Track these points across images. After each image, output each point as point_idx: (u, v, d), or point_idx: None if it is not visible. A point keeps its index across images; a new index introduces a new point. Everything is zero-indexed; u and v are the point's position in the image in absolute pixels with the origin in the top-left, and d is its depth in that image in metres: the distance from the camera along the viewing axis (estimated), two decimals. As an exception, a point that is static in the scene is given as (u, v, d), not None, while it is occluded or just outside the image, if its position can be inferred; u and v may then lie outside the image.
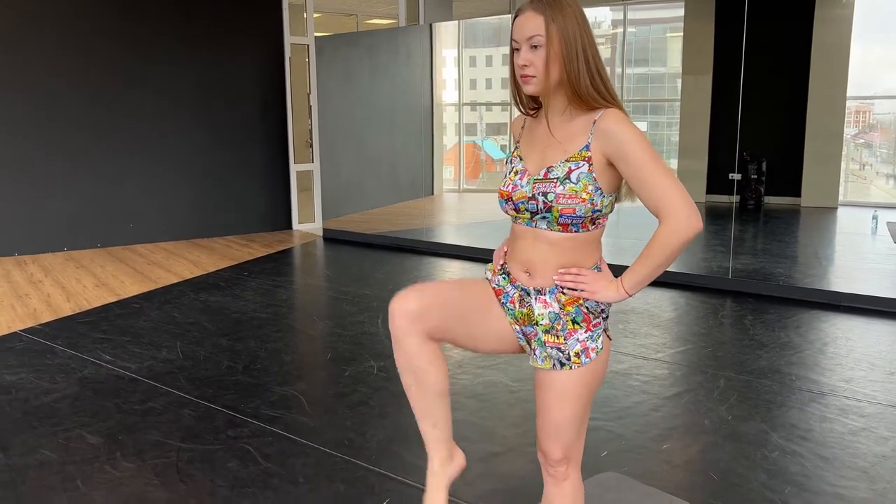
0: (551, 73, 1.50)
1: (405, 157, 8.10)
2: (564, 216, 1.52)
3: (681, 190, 1.46)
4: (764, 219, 8.78)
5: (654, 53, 12.59)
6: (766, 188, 8.95)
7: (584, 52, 1.49)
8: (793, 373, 3.67)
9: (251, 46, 7.83)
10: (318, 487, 2.59)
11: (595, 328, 1.61)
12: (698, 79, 9.50)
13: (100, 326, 4.55)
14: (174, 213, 7.58)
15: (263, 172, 8.09)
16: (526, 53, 1.51)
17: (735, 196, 8.12)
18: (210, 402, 3.35)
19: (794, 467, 2.71)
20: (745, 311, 4.85)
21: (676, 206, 1.45)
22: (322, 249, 7.35)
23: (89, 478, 2.66)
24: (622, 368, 3.75)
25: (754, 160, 8.82)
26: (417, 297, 1.55)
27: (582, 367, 1.59)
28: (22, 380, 3.64)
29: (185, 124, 7.52)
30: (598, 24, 13.86)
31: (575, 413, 1.63)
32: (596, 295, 1.57)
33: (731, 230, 5.97)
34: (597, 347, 1.60)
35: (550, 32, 1.48)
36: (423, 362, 1.59)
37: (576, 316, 1.59)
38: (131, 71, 7.19)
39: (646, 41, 12.87)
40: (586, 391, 1.62)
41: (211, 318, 4.74)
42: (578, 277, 1.57)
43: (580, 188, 1.50)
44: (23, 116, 6.73)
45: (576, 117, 1.55)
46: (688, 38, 9.85)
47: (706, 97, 9.35)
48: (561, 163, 1.53)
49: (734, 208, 6.22)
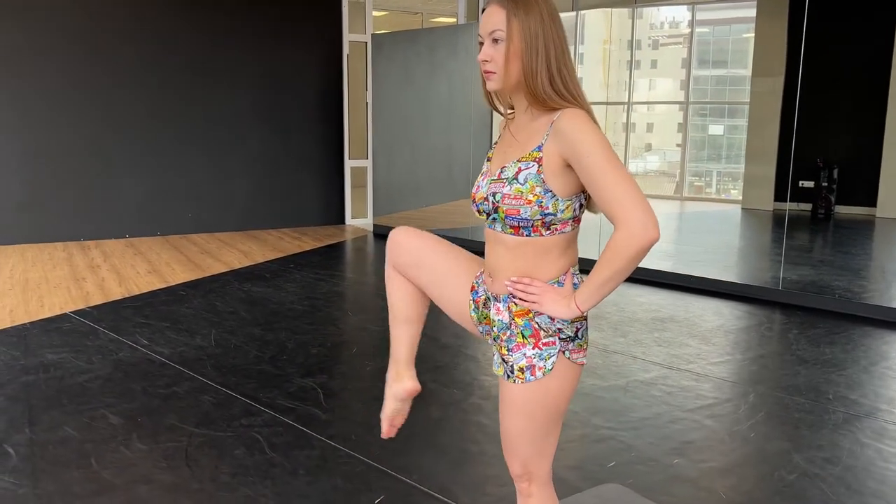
0: (511, 70, 1.45)
1: (461, 155, 8.09)
2: (510, 217, 1.46)
3: (636, 195, 1.35)
4: (833, 229, 8.37)
5: (733, 55, 12.16)
6: (837, 197, 8.53)
7: (546, 50, 1.43)
8: (830, 391, 3.48)
9: (311, 42, 7.98)
10: (316, 480, 2.61)
11: (546, 347, 1.50)
12: (769, 80, 9.12)
13: (143, 311, 4.72)
14: (231, 205, 7.81)
15: (319, 167, 8.23)
16: (487, 48, 1.47)
17: (797, 204, 7.77)
18: (230, 389, 3.43)
19: (813, 492, 2.57)
20: (791, 324, 4.63)
21: (630, 213, 1.34)
22: (371, 245, 7.43)
23: (103, 457, 2.76)
24: (647, 378, 3.64)
25: (826, 167, 8.42)
26: (411, 234, 1.74)
27: (527, 384, 1.50)
28: (62, 359, 3.81)
29: (245, 118, 7.74)
30: (676, 23, 13.49)
31: (526, 428, 1.54)
32: (543, 308, 1.47)
33: (784, 239, 5.70)
34: (545, 367, 1.50)
35: (511, 27, 1.43)
36: (392, 289, 1.79)
37: (524, 329, 1.51)
38: (195, 65, 7.44)
39: (725, 42, 12.44)
40: (537, 408, 1.52)
41: (250, 308, 4.86)
42: (529, 288, 1.48)
43: (526, 189, 1.44)
44: (91, 110, 7.06)
45: (538, 117, 1.49)
46: (759, 38, 9.47)
47: (777, 100, 8.96)
48: (513, 163, 1.48)
49: (786, 217, 5.93)
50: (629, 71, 11.68)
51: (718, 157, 11.80)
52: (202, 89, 7.51)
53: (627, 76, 11.82)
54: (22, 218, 6.89)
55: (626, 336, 4.34)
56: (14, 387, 3.42)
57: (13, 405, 3.21)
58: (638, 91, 12.84)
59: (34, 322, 4.45)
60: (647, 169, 13.47)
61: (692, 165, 11.43)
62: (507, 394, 1.56)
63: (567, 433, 3.01)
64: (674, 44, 13.44)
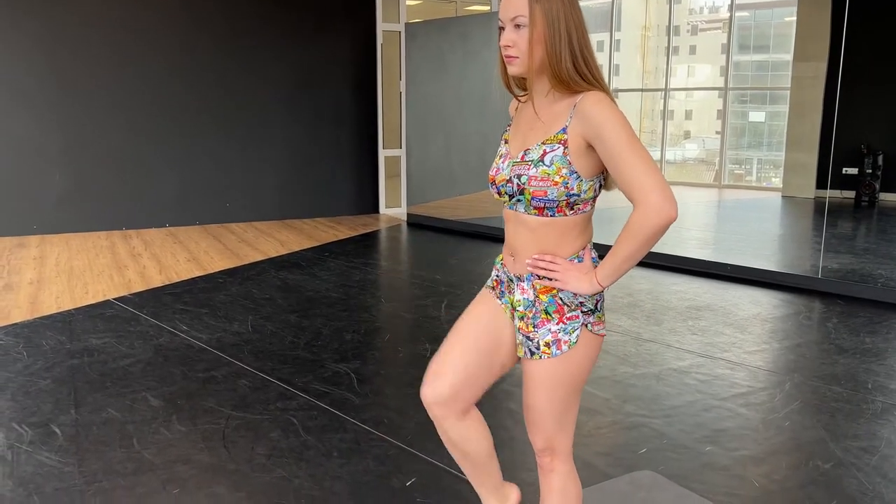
0: (535, 55, 1.48)
1: (494, 144, 8.04)
2: (536, 199, 1.50)
3: (655, 176, 1.39)
4: (877, 217, 8.16)
5: (775, 39, 11.88)
6: (882, 184, 8.31)
7: (569, 34, 1.46)
8: (870, 381, 3.41)
9: (345, 31, 8.03)
10: (349, 462, 2.66)
11: (570, 321, 1.56)
12: (812, 66, 8.90)
13: (183, 298, 4.84)
14: (267, 195, 7.92)
15: (353, 157, 8.30)
16: (509, 33, 1.49)
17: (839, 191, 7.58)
18: (267, 374, 3.50)
19: (849, 481, 2.53)
20: (831, 313, 4.54)
21: (648, 192, 1.38)
22: (405, 234, 7.47)
23: (144, 437, 2.85)
24: (681, 366, 3.62)
25: (870, 154, 8.21)
26: (446, 380, 1.61)
27: (553, 359, 1.56)
28: (105, 344, 3.93)
29: (280, 109, 7.83)
30: (716, 8, 13.22)
31: (549, 404, 1.60)
32: (567, 285, 1.53)
33: (824, 227, 5.58)
34: (570, 341, 1.56)
35: (534, 13, 1.45)
36: (466, 441, 1.68)
37: (548, 306, 1.56)
38: (230, 56, 7.55)
39: (766, 26, 12.15)
40: (559, 383, 1.58)
41: (286, 295, 4.94)
42: (551, 265, 1.53)
43: (553, 171, 1.47)
44: (133, 103, 7.22)
45: (560, 100, 1.52)
46: (802, 21, 9.24)
47: (819, 86, 8.75)
48: (537, 145, 1.51)
49: (826, 204, 5.80)
50: (667, 57, 11.50)
51: (759, 144, 11.57)
52: (237, 81, 7.62)
53: (665, 62, 11.64)
54: (66, 208, 7.09)
55: (661, 324, 4.31)
56: (60, 370, 3.54)
57: (60, 387, 3.33)
58: (676, 77, 12.65)
59: (79, 308, 4.58)
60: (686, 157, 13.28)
61: (731, 153, 11.23)
62: (532, 371, 1.61)
63: (598, 420, 3.02)
64: (713, 29, 13.20)
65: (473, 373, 1.62)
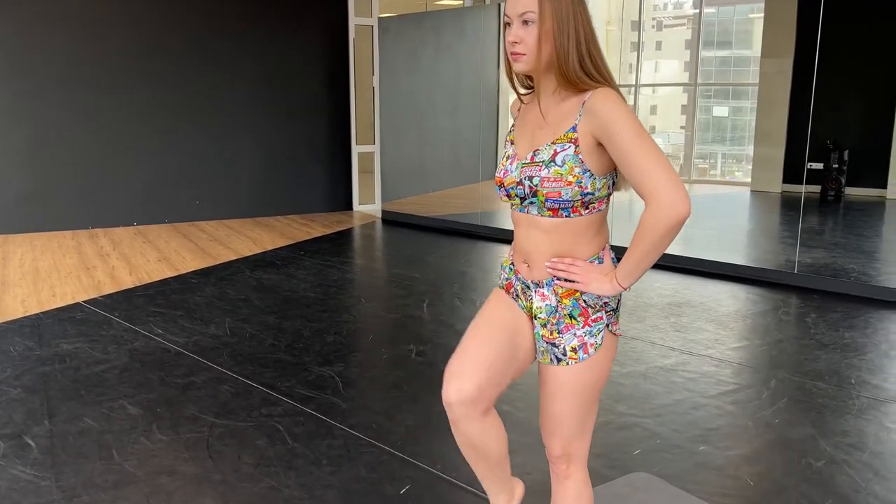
0: (542, 52, 1.44)
1: (468, 140, 8.03)
2: (551, 200, 1.46)
3: (667, 172, 1.35)
4: (843, 211, 8.31)
5: (737, 35, 12.05)
6: (847, 178, 8.47)
7: (576, 32, 1.43)
8: (853, 376, 3.45)
9: (317, 26, 7.90)
10: (340, 469, 2.60)
11: (595, 323, 1.53)
12: (779, 61, 9.02)
13: (156, 300, 4.70)
14: (239, 192, 7.76)
15: (326, 153, 8.18)
16: (517, 30, 1.45)
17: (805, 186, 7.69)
18: (248, 379, 3.41)
19: (841, 478, 2.54)
20: (808, 308, 4.59)
21: (660, 190, 1.35)
22: (379, 231, 7.39)
23: (124, 448, 2.75)
24: (667, 364, 3.62)
25: (836, 149, 8.35)
26: (470, 379, 1.52)
27: (579, 364, 1.53)
28: (77, 349, 3.79)
29: (251, 104, 7.67)
30: (680, 3, 13.34)
31: (573, 410, 1.57)
32: (588, 287, 1.49)
33: (800, 221, 5.66)
34: (595, 343, 1.53)
35: (543, 9, 1.41)
36: (487, 440, 1.60)
37: (573, 310, 1.53)
38: (200, 50, 7.37)
39: (729, 22, 12.32)
40: (585, 388, 1.55)
41: (262, 295, 4.83)
42: (571, 267, 1.49)
43: (566, 171, 1.44)
44: (96, 98, 7.00)
45: (567, 98, 1.48)
46: (769, 17, 9.37)
47: (786, 81, 8.88)
48: (547, 145, 1.47)
49: (802, 199, 5.88)
50: (637, 53, 11.57)
51: (723, 139, 11.74)
52: (207, 75, 7.44)
53: (634, 58, 11.71)
54: (29, 207, 6.85)
55: (643, 321, 4.31)
56: (31, 378, 3.40)
57: (31, 396, 3.20)
58: (643, 73, 12.74)
59: (47, 312, 4.42)
60: (653, 152, 13.39)
61: (697, 147, 11.36)
62: (558, 378, 1.56)
63: (590, 421, 2.99)
64: (678, 25, 13.32)
65: (497, 371, 1.56)
